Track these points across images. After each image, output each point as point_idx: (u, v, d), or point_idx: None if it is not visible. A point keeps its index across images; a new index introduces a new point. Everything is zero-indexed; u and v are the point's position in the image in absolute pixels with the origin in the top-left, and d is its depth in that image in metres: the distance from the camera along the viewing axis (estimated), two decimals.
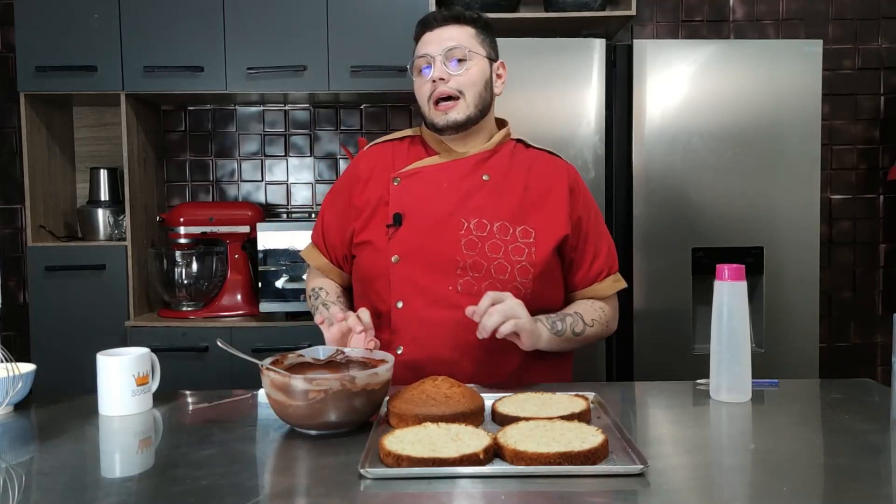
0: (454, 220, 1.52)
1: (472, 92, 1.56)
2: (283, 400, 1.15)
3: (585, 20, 2.48)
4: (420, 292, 1.51)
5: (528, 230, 1.53)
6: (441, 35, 1.56)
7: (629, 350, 2.26)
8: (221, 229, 2.55)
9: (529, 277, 1.51)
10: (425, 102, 1.57)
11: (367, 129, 2.87)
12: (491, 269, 1.50)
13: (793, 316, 2.26)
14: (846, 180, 2.91)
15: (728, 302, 1.32)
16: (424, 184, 1.56)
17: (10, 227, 2.86)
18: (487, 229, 1.52)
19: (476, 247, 1.51)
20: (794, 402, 1.37)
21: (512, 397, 1.27)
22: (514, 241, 1.52)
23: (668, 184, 2.23)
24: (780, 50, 2.24)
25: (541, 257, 1.52)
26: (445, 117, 1.55)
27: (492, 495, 0.94)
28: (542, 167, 1.61)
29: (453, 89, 1.54)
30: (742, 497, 0.97)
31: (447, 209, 1.53)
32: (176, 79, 2.45)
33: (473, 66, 1.56)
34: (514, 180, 1.57)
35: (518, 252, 1.52)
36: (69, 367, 2.29)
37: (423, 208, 1.54)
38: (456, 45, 1.55)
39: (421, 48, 1.58)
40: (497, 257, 1.51)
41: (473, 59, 1.56)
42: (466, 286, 1.49)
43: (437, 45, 1.55)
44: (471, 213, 1.53)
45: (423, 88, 1.57)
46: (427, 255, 1.51)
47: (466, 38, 1.57)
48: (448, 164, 1.58)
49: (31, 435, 1.24)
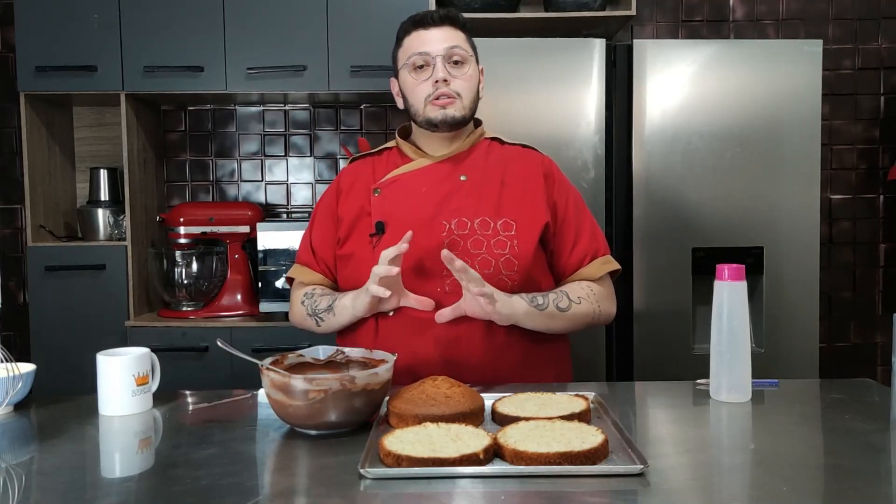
0: (436, 223, 1.53)
1: (469, 95, 1.58)
2: (283, 400, 1.15)
3: (585, 20, 2.48)
4: None
5: (509, 223, 1.54)
6: (439, 35, 1.56)
7: (629, 350, 2.26)
8: (221, 229, 2.55)
9: (515, 269, 1.52)
10: (421, 100, 1.56)
11: (367, 129, 2.87)
12: (475, 265, 1.50)
13: (793, 316, 2.26)
14: (846, 180, 2.91)
15: (728, 302, 1.32)
16: (404, 190, 1.57)
17: (10, 227, 2.86)
18: (468, 226, 1.53)
19: (459, 245, 1.51)
20: (794, 402, 1.37)
21: (512, 397, 1.27)
22: (497, 235, 1.53)
23: (668, 184, 2.23)
24: (780, 50, 2.25)
25: (524, 248, 1.53)
26: (444, 112, 1.55)
27: (492, 495, 0.94)
28: (518, 161, 1.62)
29: (453, 91, 1.55)
30: (742, 497, 0.97)
31: (428, 213, 1.54)
32: (176, 79, 2.45)
33: (470, 69, 1.59)
34: (492, 177, 1.58)
35: (501, 245, 1.52)
36: (69, 367, 2.29)
37: (405, 215, 1.54)
38: (456, 46, 1.56)
39: (416, 45, 1.57)
40: (480, 252, 1.52)
41: (469, 61, 1.59)
42: (454, 285, 1.49)
43: (438, 44, 1.55)
44: (451, 213, 1.54)
45: (420, 87, 1.56)
46: (412, 260, 1.50)
47: (462, 40, 1.59)
48: (425, 168, 1.59)
49: (31, 435, 1.24)
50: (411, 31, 1.59)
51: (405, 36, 1.60)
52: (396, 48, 1.63)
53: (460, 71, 1.57)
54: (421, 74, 1.57)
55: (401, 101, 1.64)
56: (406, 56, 1.59)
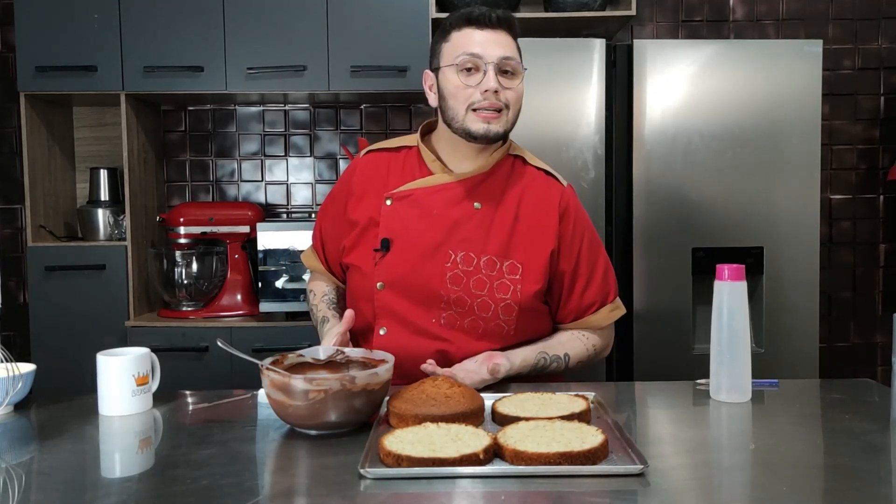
0: (442, 252, 1.47)
1: (514, 108, 1.48)
2: (283, 400, 1.15)
3: (585, 20, 2.48)
4: (402, 322, 1.48)
5: (515, 265, 1.48)
6: (495, 39, 1.44)
7: (629, 350, 2.26)
8: (221, 229, 2.55)
9: (513, 315, 1.47)
10: (464, 106, 1.44)
11: (367, 130, 2.87)
12: (474, 306, 1.46)
13: (793, 316, 2.26)
14: (846, 180, 2.91)
15: (728, 302, 1.32)
16: (415, 208, 1.50)
17: (10, 227, 2.86)
18: (474, 263, 1.47)
19: (461, 282, 1.46)
20: (794, 402, 1.37)
21: (512, 397, 1.27)
22: (501, 277, 1.47)
23: (668, 184, 2.23)
24: (780, 50, 2.24)
25: (526, 295, 1.48)
26: (487, 127, 1.44)
27: (492, 495, 0.94)
28: (536, 192, 1.53)
29: (501, 102, 1.44)
30: (742, 497, 0.97)
31: (436, 239, 1.47)
32: (176, 79, 2.45)
33: (520, 83, 1.48)
34: (506, 209, 1.50)
35: (503, 290, 1.47)
36: (69, 367, 2.30)
37: (412, 236, 1.48)
38: (511, 55, 1.45)
39: (468, 45, 1.44)
40: (481, 294, 1.46)
41: (520, 74, 1.47)
42: (449, 320, 1.46)
43: (493, 49, 1.43)
44: (458, 244, 1.47)
45: (465, 92, 1.44)
46: (411, 286, 1.47)
47: (515, 50, 1.47)
48: (441, 187, 1.50)
49: (31, 435, 1.24)
50: (463, 28, 1.45)
51: (454, 30, 1.47)
52: (441, 41, 1.49)
53: (511, 82, 1.45)
54: (469, 78, 1.44)
55: (434, 97, 1.52)
56: (454, 54, 1.45)
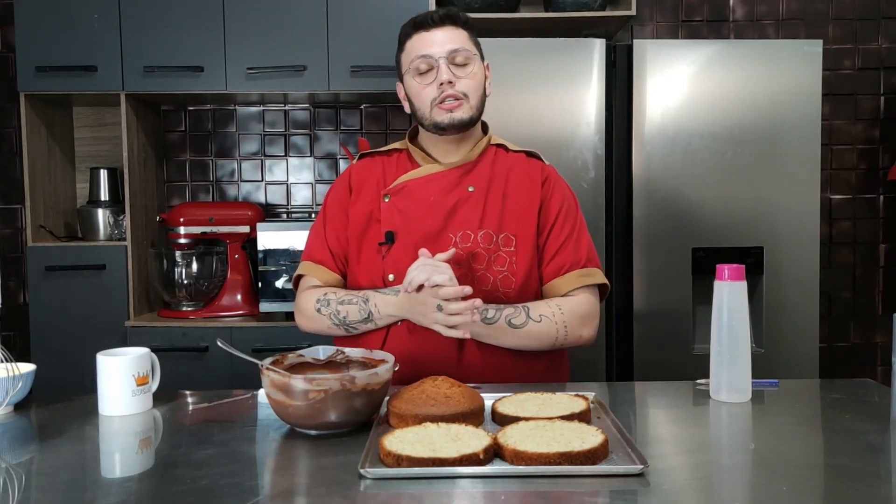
0: (443, 237, 1.53)
1: (475, 95, 1.55)
2: (283, 400, 1.15)
3: (585, 20, 2.48)
4: None
5: (509, 237, 1.54)
6: (440, 36, 1.53)
7: (629, 350, 2.26)
8: (221, 229, 2.55)
9: (511, 287, 1.52)
10: (427, 104, 1.54)
11: (367, 130, 2.87)
12: (475, 280, 1.51)
13: (793, 316, 2.26)
14: (846, 180, 2.91)
15: (728, 302, 1.32)
16: (412, 199, 1.56)
17: (10, 227, 2.86)
18: (472, 239, 1.53)
19: (462, 259, 1.52)
20: (794, 402, 1.37)
21: (512, 397, 1.27)
22: (497, 250, 1.53)
23: (668, 184, 2.23)
24: (780, 50, 2.24)
25: (521, 265, 1.53)
26: (451, 115, 1.52)
27: (492, 495, 0.94)
28: (520, 171, 1.60)
29: (459, 92, 1.53)
30: (742, 497, 0.97)
31: (436, 225, 1.53)
32: (176, 79, 2.45)
33: (475, 68, 1.56)
34: (496, 189, 1.57)
35: (500, 262, 1.53)
36: (69, 367, 2.30)
37: (414, 226, 1.54)
38: (459, 47, 1.53)
39: (418, 48, 1.54)
40: (481, 268, 1.52)
41: (473, 60, 1.56)
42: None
43: (440, 46, 1.53)
44: (457, 226, 1.54)
45: (426, 91, 1.54)
46: None
47: (464, 39, 1.56)
48: (434, 176, 1.58)
49: (31, 435, 1.24)
50: (412, 34, 1.56)
51: (406, 39, 1.57)
52: (399, 52, 1.60)
53: (465, 71, 1.54)
54: (425, 78, 1.54)
55: (408, 105, 1.61)
56: (409, 60, 1.56)
